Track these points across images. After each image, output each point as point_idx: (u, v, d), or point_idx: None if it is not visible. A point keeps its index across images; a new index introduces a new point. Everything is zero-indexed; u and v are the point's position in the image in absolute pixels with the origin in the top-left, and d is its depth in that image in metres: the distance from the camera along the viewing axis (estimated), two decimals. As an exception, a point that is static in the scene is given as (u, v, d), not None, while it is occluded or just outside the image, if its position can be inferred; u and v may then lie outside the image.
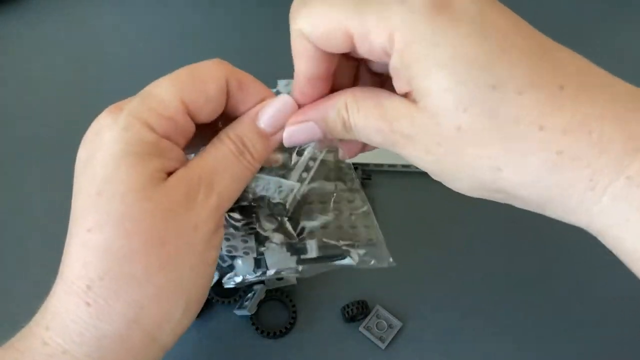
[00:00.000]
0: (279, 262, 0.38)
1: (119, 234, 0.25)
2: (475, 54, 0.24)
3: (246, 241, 0.38)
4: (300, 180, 0.45)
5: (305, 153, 0.46)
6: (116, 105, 0.28)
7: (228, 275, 0.37)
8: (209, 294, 0.42)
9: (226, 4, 0.62)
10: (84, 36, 0.60)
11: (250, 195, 0.35)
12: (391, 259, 0.36)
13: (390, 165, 0.49)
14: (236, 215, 0.37)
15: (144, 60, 0.57)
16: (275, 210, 0.36)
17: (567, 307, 0.43)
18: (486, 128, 0.24)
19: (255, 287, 0.43)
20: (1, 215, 0.48)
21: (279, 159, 0.34)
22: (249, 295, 0.42)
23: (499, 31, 0.25)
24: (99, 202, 0.26)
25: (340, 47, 0.27)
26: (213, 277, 0.30)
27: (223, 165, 0.29)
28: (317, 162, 0.46)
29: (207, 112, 0.29)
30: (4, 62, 0.58)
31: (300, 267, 0.37)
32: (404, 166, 0.49)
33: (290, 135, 0.31)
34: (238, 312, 0.42)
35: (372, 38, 0.26)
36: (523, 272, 0.45)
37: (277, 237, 0.37)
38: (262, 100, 0.30)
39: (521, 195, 0.26)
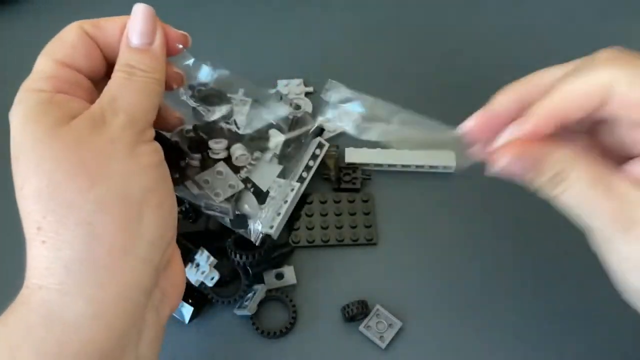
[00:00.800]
0: (269, 174, 0.38)
1: (42, 177, 0.28)
2: None
3: (221, 172, 0.38)
4: (301, 180, 0.45)
5: (306, 153, 0.46)
6: None
7: (253, 231, 0.38)
8: (209, 294, 0.42)
9: (226, 4, 0.62)
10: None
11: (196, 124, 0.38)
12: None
13: (390, 165, 0.49)
14: (194, 162, 0.39)
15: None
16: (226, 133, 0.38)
17: (567, 306, 0.43)
18: None
19: (256, 286, 0.43)
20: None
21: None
22: (249, 295, 0.42)
23: None
24: (19, 164, 0.29)
25: None
26: (163, 177, 0.31)
27: (119, 91, 0.31)
28: (318, 161, 0.47)
29: (85, 60, 0.32)
30: (4, 62, 0.58)
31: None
32: (403, 166, 0.48)
33: (507, 164, 0.29)
34: (238, 312, 0.42)
35: None
36: (523, 272, 0.45)
37: (240, 149, 0.39)
38: (124, 26, 0.33)
39: None
